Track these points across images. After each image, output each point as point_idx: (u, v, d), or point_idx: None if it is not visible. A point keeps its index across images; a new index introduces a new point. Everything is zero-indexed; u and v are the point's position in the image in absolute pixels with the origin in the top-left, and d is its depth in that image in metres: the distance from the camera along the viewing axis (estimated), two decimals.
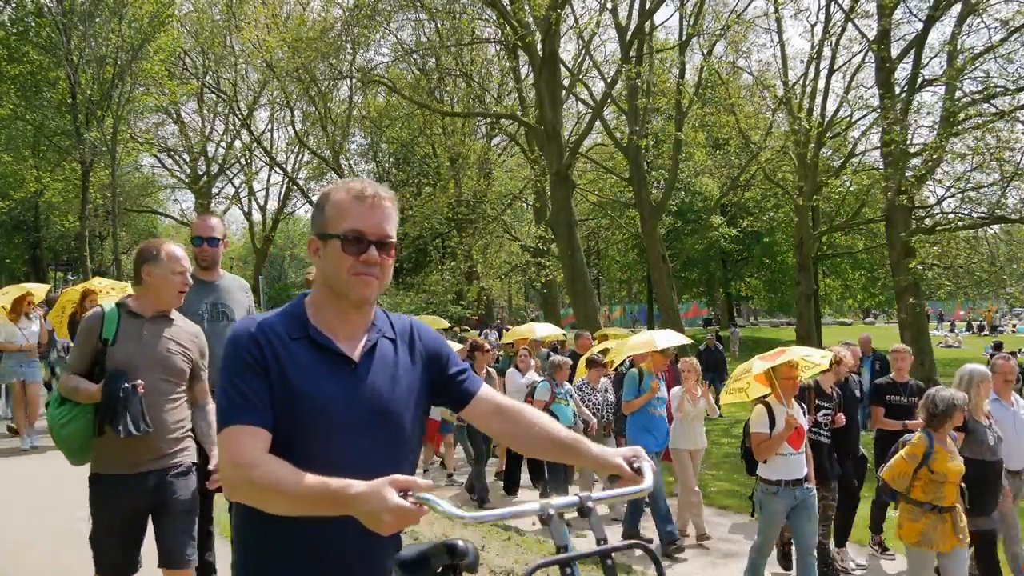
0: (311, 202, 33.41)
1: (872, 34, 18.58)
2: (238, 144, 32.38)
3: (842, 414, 5.95)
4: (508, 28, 17.69)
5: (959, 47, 17.11)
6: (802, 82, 21.62)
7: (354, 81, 24.81)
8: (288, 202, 35.05)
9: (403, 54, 26.67)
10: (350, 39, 20.64)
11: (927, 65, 19.37)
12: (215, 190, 33.94)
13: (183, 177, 33.79)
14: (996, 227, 19.82)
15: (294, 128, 30.42)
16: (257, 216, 34.92)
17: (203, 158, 32.71)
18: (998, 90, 17.00)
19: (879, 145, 18.99)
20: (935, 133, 16.97)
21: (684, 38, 19.90)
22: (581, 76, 23.64)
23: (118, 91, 21.21)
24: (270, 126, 33.47)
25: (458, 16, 20.87)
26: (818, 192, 21.55)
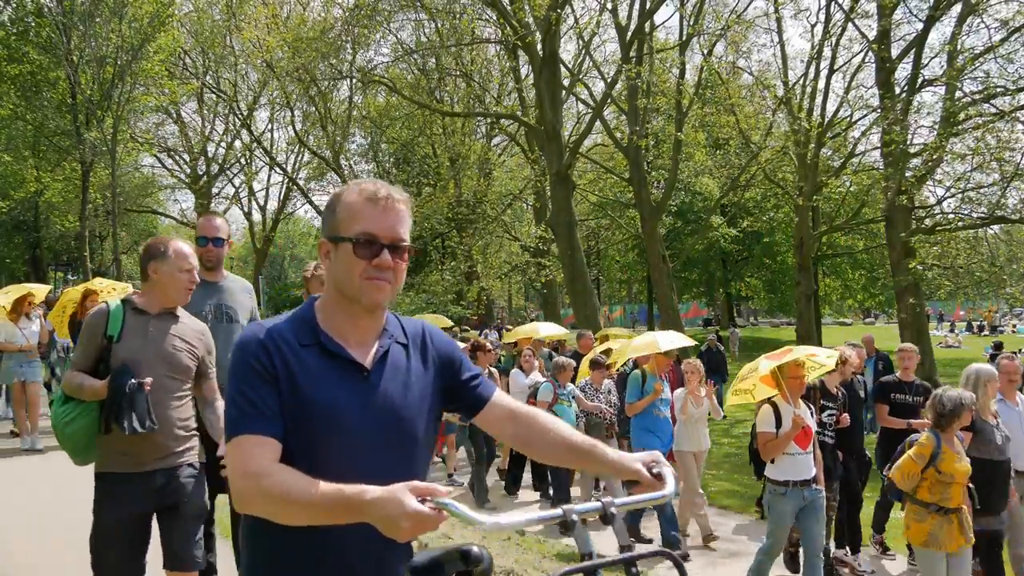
0: (311, 202, 33.43)
1: (872, 34, 18.61)
2: (238, 144, 32.33)
3: (846, 414, 5.95)
4: (508, 28, 17.69)
5: (959, 47, 17.13)
6: (802, 82, 21.63)
7: (354, 81, 24.79)
8: (288, 202, 34.95)
9: (403, 54, 26.69)
10: (350, 39, 20.63)
11: (927, 65, 19.42)
12: (215, 190, 33.87)
13: (183, 177, 33.73)
14: (996, 227, 19.84)
15: (294, 128, 30.38)
16: (257, 216, 34.88)
17: (203, 158, 32.65)
18: (998, 90, 17.02)
19: (879, 145, 19.00)
20: (935, 133, 16.99)
21: (684, 38, 19.93)
22: (581, 76, 23.65)
23: (118, 91, 21.20)
24: (270, 126, 33.37)
25: (458, 16, 20.88)
26: (818, 192, 21.55)
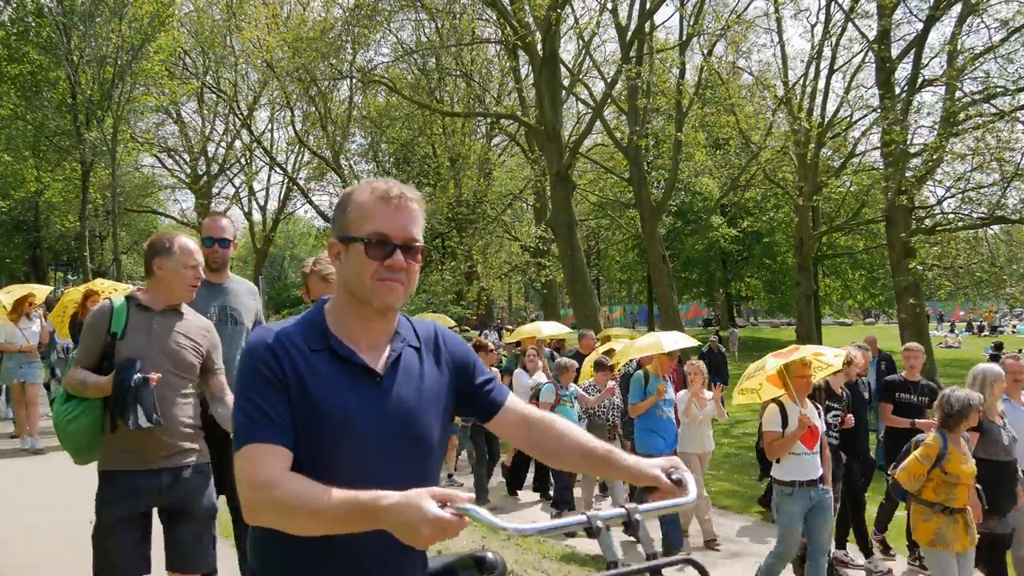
0: (311, 202, 33.46)
1: (872, 34, 18.61)
2: (238, 144, 32.33)
3: (851, 415, 5.93)
4: (508, 28, 17.68)
5: (959, 47, 17.13)
6: (802, 82, 21.63)
7: (354, 81, 24.79)
8: (288, 202, 34.95)
9: (403, 54, 26.70)
10: (350, 39, 20.62)
11: (927, 65, 19.43)
12: (215, 190, 33.87)
13: (183, 177, 33.73)
14: (996, 227, 19.84)
15: (294, 128, 30.38)
16: (257, 216, 34.87)
17: (203, 158, 32.65)
18: (998, 90, 17.02)
19: (879, 145, 18.99)
20: (935, 133, 16.99)
21: (684, 38, 19.93)
22: (581, 76, 23.64)
23: (118, 91, 21.21)
24: (270, 126, 33.35)
25: (458, 16, 20.87)
26: (818, 192, 21.55)
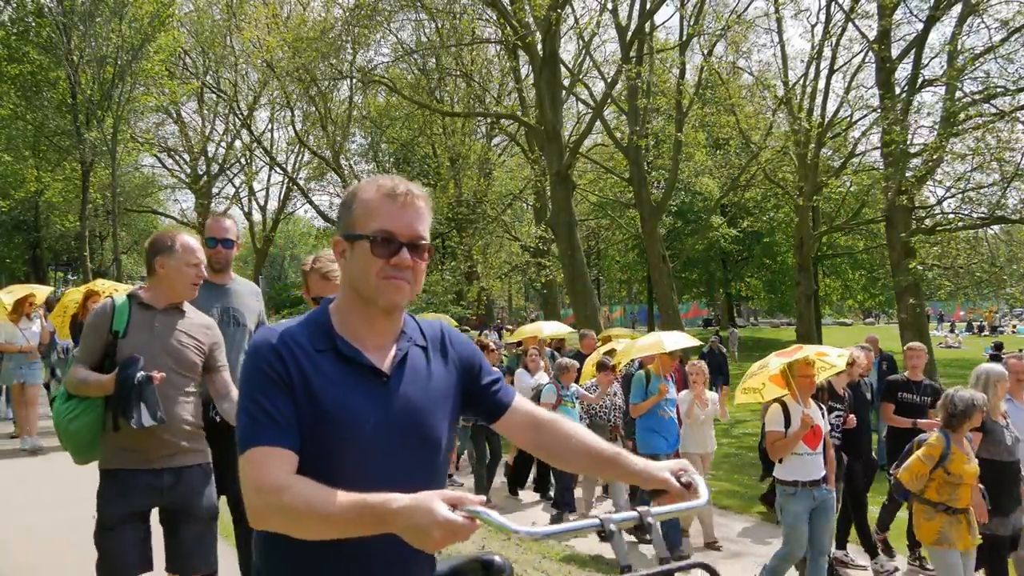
0: (311, 202, 33.46)
1: (872, 34, 18.61)
2: (238, 144, 32.34)
3: (853, 416, 5.92)
4: (508, 28, 17.68)
5: (959, 47, 17.13)
6: (802, 82, 21.64)
7: (354, 81, 24.79)
8: (288, 202, 34.96)
9: (403, 54, 26.70)
10: (350, 39, 20.62)
11: (927, 65, 19.41)
12: (215, 190, 33.86)
13: (183, 177, 33.74)
14: (996, 227, 19.85)
15: (294, 128, 30.38)
16: (257, 216, 34.86)
17: (203, 158, 32.65)
18: (998, 90, 17.02)
19: (879, 145, 18.99)
20: (935, 133, 16.99)
21: (684, 38, 19.93)
22: (581, 76, 23.64)
23: (118, 91, 21.21)
24: (270, 126, 33.36)
25: (458, 16, 20.86)
26: (818, 192, 21.56)
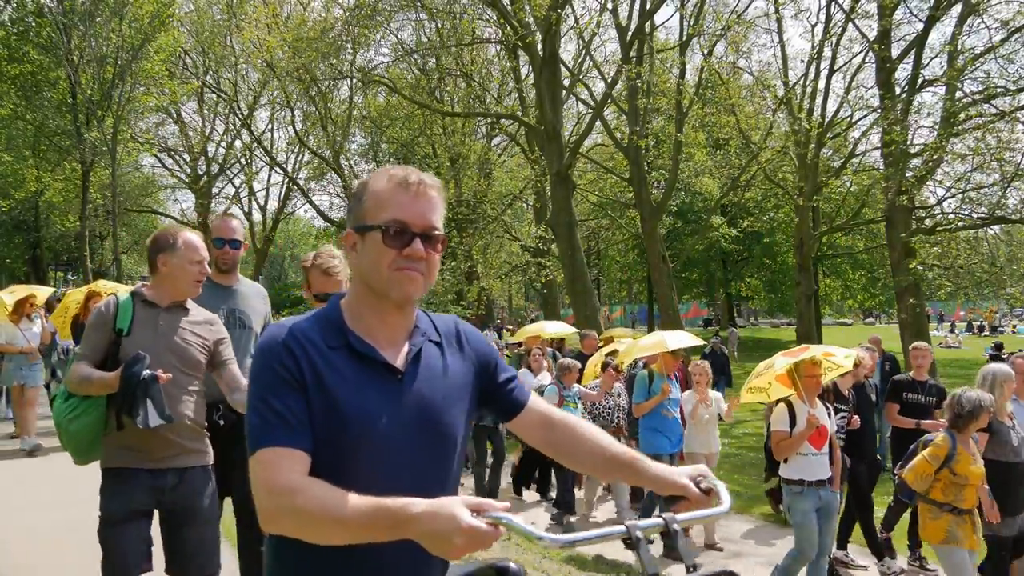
0: (311, 202, 33.42)
1: (872, 34, 18.62)
2: (238, 144, 32.33)
3: (856, 417, 5.90)
4: (508, 28, 17.68)
5: (959, 47, 17.14)
6: (802, 82, 21.66)
7: (354, 81, 24.79)
8: (288, 202, 34.94)
9: (403, 54, 26.70)
10: (350, 39, 20.63)
11: (927, 65, 19.43)
12: (215, 190, 33.84)
13: (183, 177, 33.72)
14: (996, 228, 19.86)
15: (294, 128, 30.37)
16: (257, 216, 34.83)
17: (203, 158, 32.64)
18: (998, 90, 17.03)
19: (879, 145, 19.00)
20: (935, 133, 17.00)
21: (684, 38, 19.95)
22: (581, 76, 23.65)
23: (118, 91, 21.22)
24: (270, 126, 33.34)
25: (458, 16, 20.87)
26: (818, 192, 21.57)
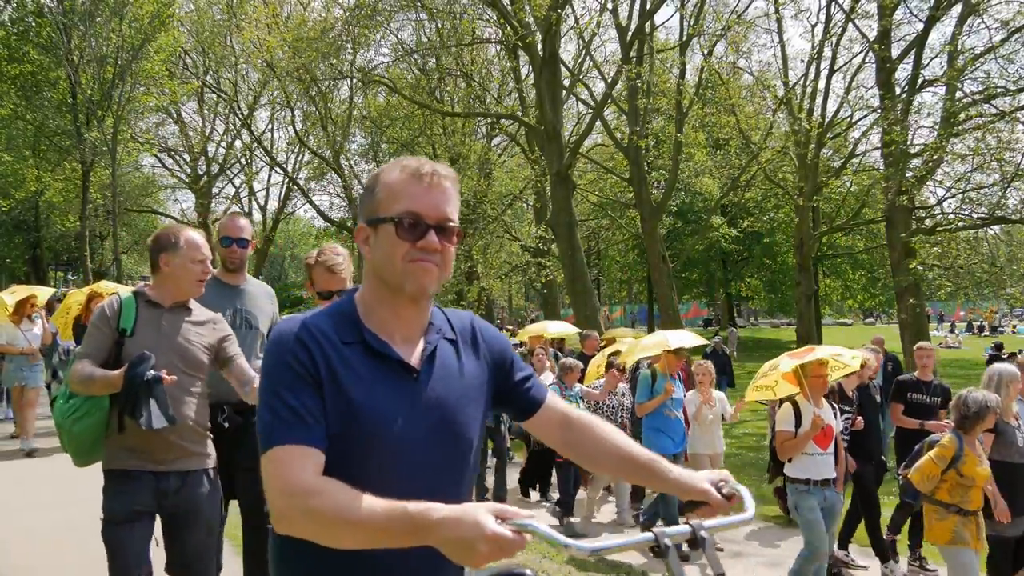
0: (311, 202, 33.38)
1: (872, 34, 18.63)
2: (238, 144, 32.33)
3: (860, 418, 5.89)
4: (508, 28, 17.67)
5: (960, 47, 17.16)
6: (802, 82, 21.68)
7: (354, 81, 24.78)
8: (288, 202, 34.95)
9: (403, 54, 26.69)
10: (350, 39, 20.62)
11: (927, 65, 19.44)
12: (215, 190, 33.85)
13: (183, 177, 33.72)
14: (996, 228, 19.88)
15: (294, 128, 30.34)
16: (257, 216, 34.82)
17: (203, 158, 32.63)
18: (999, 91, 17.04)
19: (879, 145, 19.02)
20: (935, 134, 17.01)
21: (684, 38, 19.96)
22: (581, 76, 23.65)
23: (118, 91, 21.23)
24: (270, 126, 33.31)
25: (458, 16, 20.86)
26: (818, 192, 21.58)
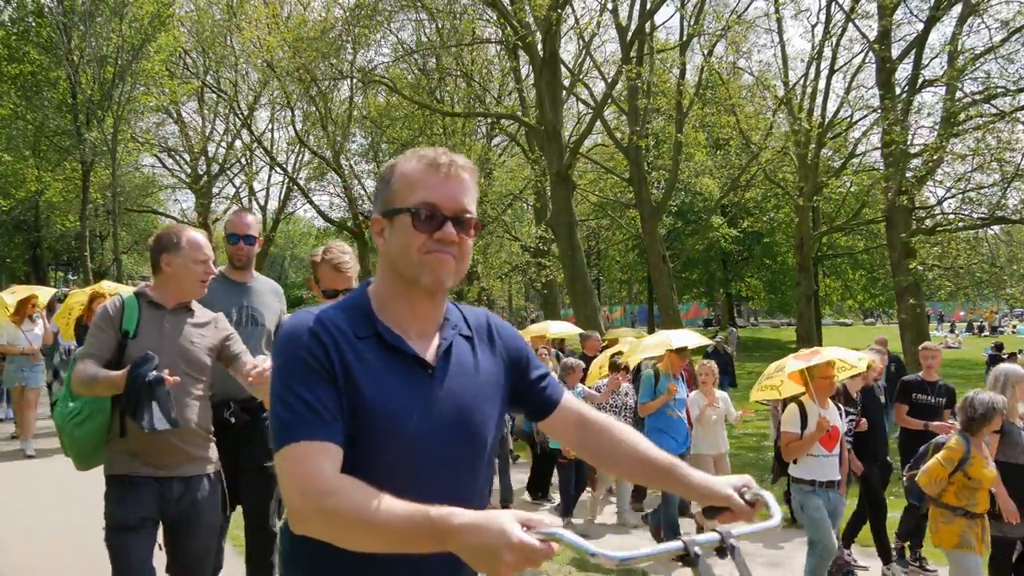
0: (311, 202, 33.45)
1: (873, 34, 18.64)
2: (238, 144, 32.32)
3: (864, 419, 5.87)
4: (509, 28, 17.67)
5: (960, 47, 17.16)
6: (803, 82, 21.67)
7: (355, 81, 24.80)
8: (288, 202, 34.96)
9: (404, 54, 26.69)
10: (350, 39, 20.62)
11: (928, 65, 19.44)
12: (215, 190, 33.86)
13: (183, 177, 33.73)
14: (996, 228, 19.89)
15: (294, 128, 30.35)
16: (257, 216, 34.86)
17: (203, 158, 32.63)
18: (999, 91, 17.05)
19: (879, 145, 19.01)
20: (936, 134, 17.02)
21: (685, 38, 19.96)
22: (581, 76, 23.66)
23: (118, 91, 21.24)
24: (270, 126, 33.29)
25: (459, 16, 20.86)
26: (818, 192, 21.57)
